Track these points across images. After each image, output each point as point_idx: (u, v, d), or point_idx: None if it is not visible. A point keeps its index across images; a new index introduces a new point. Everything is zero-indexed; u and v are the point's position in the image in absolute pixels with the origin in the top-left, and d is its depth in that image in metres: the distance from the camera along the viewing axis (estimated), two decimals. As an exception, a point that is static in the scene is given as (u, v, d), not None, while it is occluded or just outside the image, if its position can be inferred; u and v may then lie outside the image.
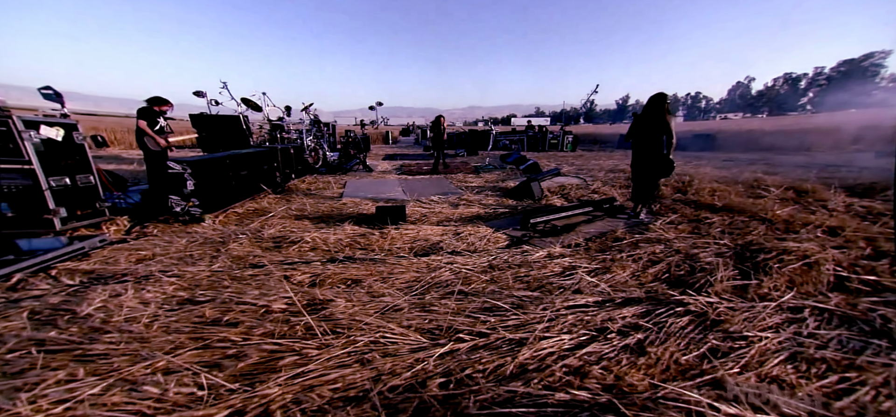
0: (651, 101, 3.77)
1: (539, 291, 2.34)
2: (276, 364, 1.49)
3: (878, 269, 2.40)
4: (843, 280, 2.31)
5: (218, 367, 1.47)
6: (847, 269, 2.43)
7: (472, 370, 1.55)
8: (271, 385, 1.37)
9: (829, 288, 2.24)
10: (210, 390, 1.34)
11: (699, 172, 7.12)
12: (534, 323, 1.91)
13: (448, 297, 2.19)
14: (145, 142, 4.81)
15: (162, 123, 4.89)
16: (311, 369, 1.47)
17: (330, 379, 1.42)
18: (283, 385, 1.38)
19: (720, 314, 1.95)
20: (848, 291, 2.19)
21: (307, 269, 2.53)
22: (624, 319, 1.97)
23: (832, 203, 4.42)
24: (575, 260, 2.86)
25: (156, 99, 4.91)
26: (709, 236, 3.29)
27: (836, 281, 2.30)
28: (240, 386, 1.37)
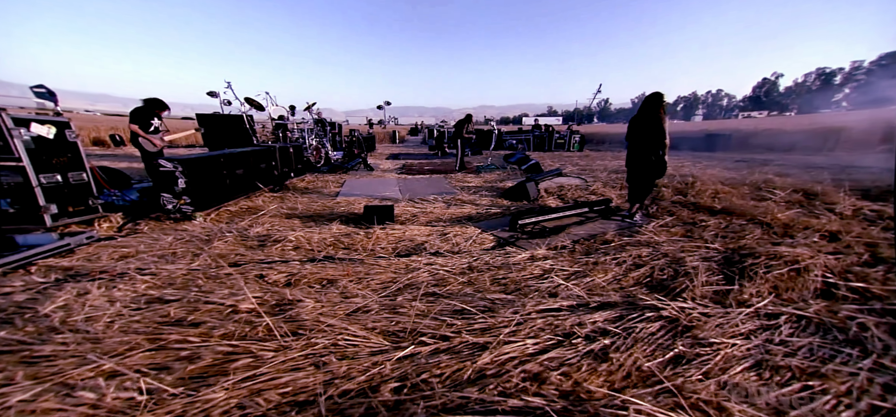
0: (647, 101, 3.71)
1: (514, 294, 2.33)
2: (228, 367, 1.50)
3: (871, 276, 2.32)
4: (832, 286, 2.24)
5: (168, 370, 1.47)
6: (838, 276, 2.36)
7: (430, 375, 1.55)
8: (217, 390, 1.36)
9: (814, 294, 2.18)
10: (151, 395, 1.33)
11: (706, 174, 6.98)
12: (501, 327, 1.90)
13: (419, 299, 2.19)
14: (141, 144, 4.91)
15: (156, 124, 4.99)
16: (264, 372, 1.48)
17: (281, 383, 1.43)
18: (230, 388, 1.38)
19: (692, 320, 1.92)
20: (833, 298, 2.13)
21: (285, 269, 2.57)
22: (594, 324, 1.95)
23: (841, 206, 4.28)
24: (557, 262, 2.84)
25: (152, 101, 5.03)
26: (700, 240, 3.23)
27: (822, 288, 2.23)
28: (184, 391, 1.36)
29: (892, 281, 2.22)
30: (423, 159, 12.58)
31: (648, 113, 3.67)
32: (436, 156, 13.84)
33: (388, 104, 30.55)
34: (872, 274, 2.35)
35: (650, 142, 3.69)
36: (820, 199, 4.74)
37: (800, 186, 5.34)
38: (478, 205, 5.06)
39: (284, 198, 5.70)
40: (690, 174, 6.85)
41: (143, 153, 4.93)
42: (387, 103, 31.10)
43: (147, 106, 4.93)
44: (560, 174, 7.58)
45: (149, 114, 4.93)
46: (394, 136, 24.37)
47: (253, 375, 1.46)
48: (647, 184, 3.93)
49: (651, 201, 4.89)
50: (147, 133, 4.88)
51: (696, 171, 7.54)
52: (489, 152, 11.09)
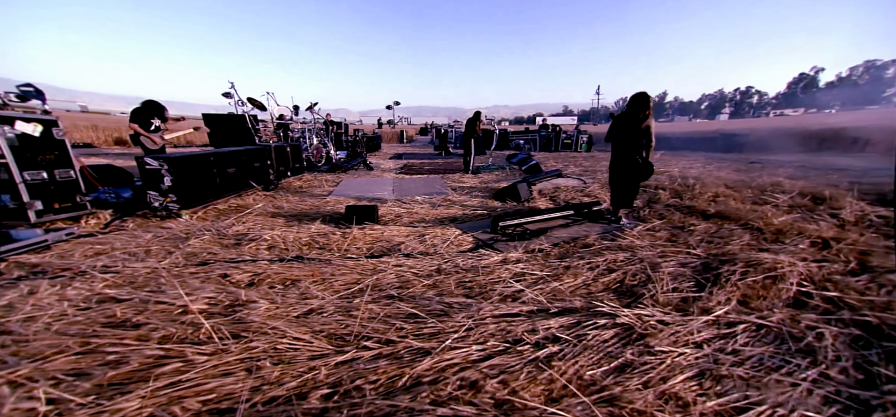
0: (633, 101, 3.65)
1: (476, 298, 2.33)
2: (154, 372, 1.48)
3: (850, 286, 2.23)
4: (805, 295, 2.17)
5: (87, 376, 1.42)
6: (816, 284, 2.28)
7: (365, 381, 1.54)
8: (132, 398, 1.32)
9: (784, 303, 2.11)
10: (56, 405, 1.27)
11: (712, 176, 6.80)
12: (451, 332, 1.90)
13: (376, 302, 2.21)
14: (142, 143, 5.16)
15: (155, 123, 5.21)
16: (190, 377, 1.47)
17: (205, 389, 1.42)
18: (147, 396, 1.34)
19: (648, 328, 1.88)
20: (803, 307, 2.06)
21: (251, 268, 2.63)
22: (548, 330, 1.94)
23: (846, 212, 4.12)
24: (529, 266, 2.82)
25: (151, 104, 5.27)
26: (684, 245, 3.15)
27: (795, 297, 2.16)
28: (95, 400, 1.31)
29: (870, 292, 2.14)
30: (426, 159, 12.62)
31: (634, 114, 3.61)
32: (439, 155, 13.88)
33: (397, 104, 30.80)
34: (853, 283, 2.26)
35: (635, 143, 3.63)
36: (828, 204, 4.58)
37: (809, 190, 5.16)
38: (467, 205, 5.05)
39: (276, 196, 5.82)
40: (694, 176, 6.70)
41: (144, 151, 5.17)
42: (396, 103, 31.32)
43: (146, 107, 5.19)
44: (559, 175, 7.51)
45: (149, 114, 5.17)
46: (402, 136, 24.50)
47: (178, 381, 1.44)
48: (633, 187, 3.86)
49: (645, 204, 4.81)
50: (148, 132, 5.13)
51: (703, 173, 7.37)
52: (490, 152, 11.04)
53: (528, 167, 8.02)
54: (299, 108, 11.42)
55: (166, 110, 5.37)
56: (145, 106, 5.16)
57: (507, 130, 17.40)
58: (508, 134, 15.97)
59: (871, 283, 2.27)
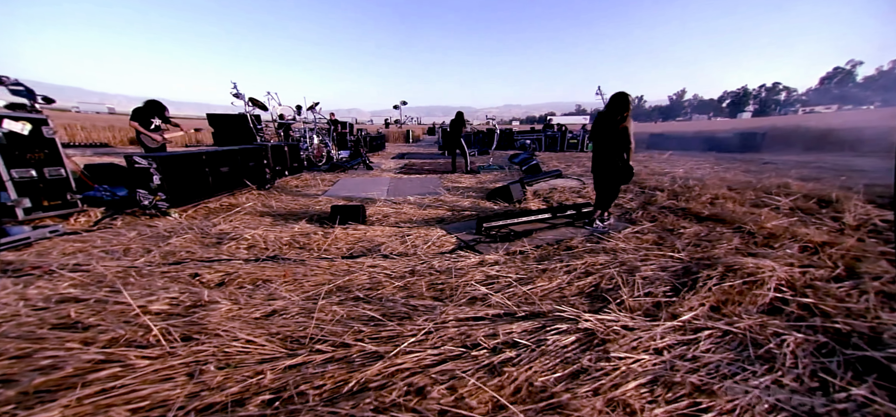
0: (612, 101, 3.60)
1: (445, 301, 2.33)
2: (86, 379, 1.43)
3: (831, 292, 2.17)
4: (782, 301, 2.11)
5: (12, 383, 1.37)
6: (797, 290, 2.22)
7: (310, 386, 1.53)
8: (54, 408, 1.26)
9: (758, 309, 2.06)
10: None
11: (717, 177, 6.66)
12: (408, 336, 1.90)
13: (342, 304, 2.23)
14: (143, 141, 5.31)
15: (156, 122, 5.37)
16: (126, 384, 1.44)
17: (138, 396, 1.39)
18: (71, 404, 1.29)
19: (610, 333, 1.86)
20: (779, 313, 2.01)
21: (224, 268, 2.67)
22: (509, 334, 1.93)
23: (850, 215, 3.99)
24: (505, 269, 2.81)
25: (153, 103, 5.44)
26: (669, 248, 3.10)
27: (771, 303, 2.11)
28: (12, 410, 1.26)
29: (850, 299, 2.07)
30: (428, 159, 12.64)
31: (612, 115, 3.56)
32: (443, 155, 13.88)
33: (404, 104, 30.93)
34: (834, 289, 2.20)
35: (614, 145, 3.58)
36: (833, 207, 4.45)
37: (816, 192, 5.01)
38: (457, 206, 5.05)
39: (269, 195, 5.90)
40: (698, 177, 6.58)
41: (144, 149, 5.33)
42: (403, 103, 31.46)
43: (148, 107, 5.37)
44: (559, 175, 7.45)
45: (150, 113, 5.33)
46: (408, 136, 24.59)
47: (111, 387, 1.41)
48: (612, 189, 3.81)
49: (640, 205, 4.74)
50: (148, 131, 5.29)
51: (709, 174, 7.22)
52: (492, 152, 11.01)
53: (528, 167, 7.97)
54: (301, 108, 11.56)
55: (167, 110, 5.52)
56: (147, 105, 5.34)
57: (512, 130, 17.31)
58: (513, 133, 15.88)
59: (854, 290, 2.20)
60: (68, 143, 15.62)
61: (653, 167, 8.84)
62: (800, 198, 4.78)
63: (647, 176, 7.19)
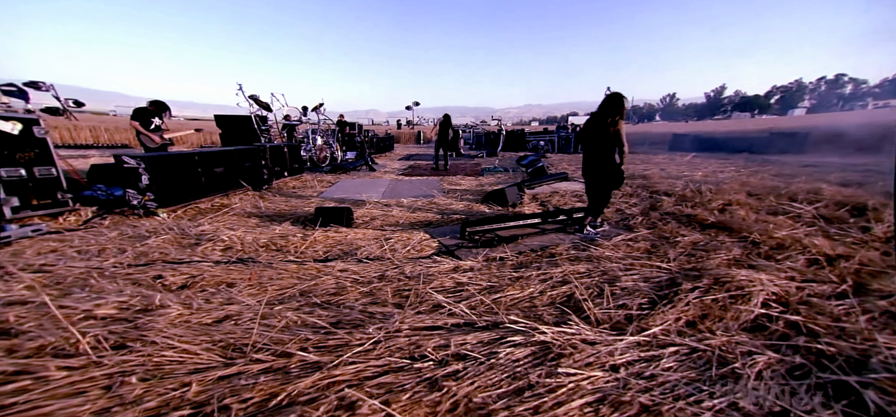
0: (604, 102, 3.49)
1: (405, 308, 2.29)
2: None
3: (826, 310, 2.01)
4: (769, 318, 1.97)
5: None
6: (789, 307, 2.08)
7: (237, 400, 1.49)
8: None
9: (740, 326, 1.93)
10: None
11: (739, 181, 6.31)
12: (356, 345, 1.87)
13: (298, 309, 2.22)
14: (143, 140, 5.52)
15: (156, 122, 5.58)
16: (30, 399, 1.38)
17: (43, 413, 1.34)
18: None
19: (566, 347, 1.78)
20: (760, 330, 1.88)
21: (190, 270, 2.72)
22: (462, 346, 1.88)
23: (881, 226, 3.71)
24: (478, 275, 2.76)
25: (156, 103, 5.66)
26: (660, 258, 2.97)
27: (755, 320, 1.98)
28: None
29: (847, 318, 1.91)
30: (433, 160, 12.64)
31: (603, 117, 3.45)
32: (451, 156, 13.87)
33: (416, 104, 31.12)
34: (832, 307, 2.04)
35: (605, 148, 3.47)
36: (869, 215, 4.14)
37: (852, 198, 4.68)
38: (450, 209, 5.01)
39: (263, 196, 6.01)
40: (717, 181, 6.30)
41: (145, 150, 5.55)
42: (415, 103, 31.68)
43: (150, 107, 5.58)
44: (565, 178, 7.32)
45: (151, 113, 5.55)
46: (419, 137, 24.68)
47: (12, 403, 1.34)
48: (602, 195, 3.69)
49: (643, 211, 4.58)
50: (148, 131, 5.50)
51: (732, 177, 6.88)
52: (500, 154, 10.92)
53: (534, 170, 7.85)
54: (307, 109, 11.79)
55: (170, 111, 5.73)
56: (150, 105, 5.56)
57: (524, 130, 17.12)
58: (526, 134, 15.70)
59: (854, 308, 2.04)
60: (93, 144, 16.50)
61: (670, 170, 8.54)
62: (829, 205, 4.47)
63: (659, 179, 6.95)
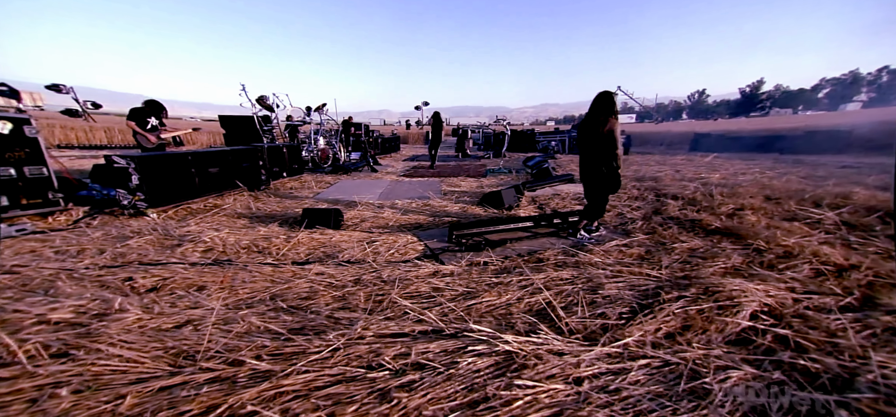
0: (594, 102, 3.41)
1: (374, 313, 2.27)
2: None
3: (822, 325, 1.90)
4: (756, 331, 1.88)
5: None
6: (781, 320, 1.97)
7: (173, 413, 1.46)
8: None
9: (725, 339, 1.84)
10: None
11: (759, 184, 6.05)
12: (313, 352, 1.84)
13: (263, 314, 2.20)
14: (139, 141, 5.66)
15: (153, 122, 5.70)
16: None
17: None
18: None
19: (531, 357, 1.73)
20: (745, 344, 1.79)
21: (161, 272, 2.73)
22: (424, 355, 1.84)
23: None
24: (457, 280, 2.72)
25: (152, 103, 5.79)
26: (652, 265, 2.88)
27: (740, 333, 1.88)
28: None
29: (843, 334, 1.80)
30: (440, 161, 12.64)
31: (595, 117, 3.37)
32: (456, 157, 13.86)
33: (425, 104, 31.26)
34: (829, 321, 1.92)
35: (599, 151, 3.38)
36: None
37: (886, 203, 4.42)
38: (443, 211, 4.98)
39: (259, 197, 6.10)
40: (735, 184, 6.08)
41: (141, 149, 5.68)
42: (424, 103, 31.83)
43: (146, 107, 5.70)
44: (570, 180, 7.22)
45: (147, 113, 5.67)
46: (427, 137, 24.71)
47: None
48: (597, 199, 3.60)
49: (646, 216, 4.45)
50: (144, 131, 5.62)
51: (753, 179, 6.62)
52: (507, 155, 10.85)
53: (538, 171, 7.75)
54: (310, 110, 11.95)
55: (166, 111, 5.85)
56: (146, 105, 5.67)
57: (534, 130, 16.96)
58: (535, 134, 15.56)
59: (856, 323, 1.92)
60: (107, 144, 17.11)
61: (686, 172, 8.30)
62: (859, 210, 4.23)
63: (671, 182, 6.78)
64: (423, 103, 31.13)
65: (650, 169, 9.26)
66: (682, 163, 10.35)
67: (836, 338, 1.77)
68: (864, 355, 1.62)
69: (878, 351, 1.64)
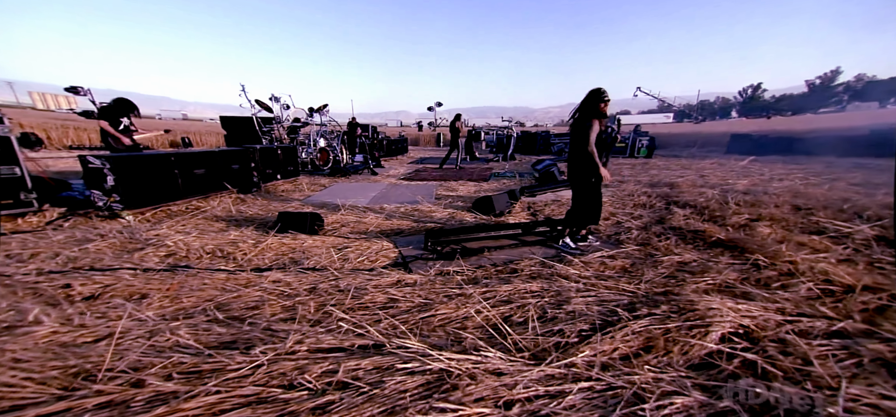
0: (582, 101, 3.34)
1: (319, 326, 2.25)
2: None
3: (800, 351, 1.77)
4: (723, 355, 1.77)
5: None
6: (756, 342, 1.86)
7: None
8: None
9: (685, 362, 1.75)
10: None
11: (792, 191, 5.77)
12: (232, 370, 1.79)
13: (195, 326, 2.15)
14: (111, 142, 5.64)
15: (125, 123, 5.78)
16: None
17: None
18: None
19: (465, 377, 1.68)
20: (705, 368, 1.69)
21: (104, 279, 2.75)
22: (352, 373, 1.80)
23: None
24: (418, 290, 2.69)
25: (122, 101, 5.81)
26: (632, 279, 2.78)
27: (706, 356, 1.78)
28: None
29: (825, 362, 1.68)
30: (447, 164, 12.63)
31: (581, 117, 3.31)
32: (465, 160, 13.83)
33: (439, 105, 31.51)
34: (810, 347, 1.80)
35: (580, 153, 3.31)
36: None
37: None
38: (430, 217, 4.96)
39: (245, 200, 6.22)
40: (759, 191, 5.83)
41: (112, 151, 5.79)
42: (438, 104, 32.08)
43: (116, 105, 5.74)
44: (576, 185, 7.09)
45: (118, 112, 5.71)
46: (439, 139, 24.82)
47: None
48: (577, 205, 3.52)
49: (646, 225, 4.32)
50: (117, 131, 5.70)
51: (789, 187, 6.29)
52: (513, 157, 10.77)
53: (543, 175, 7.66)
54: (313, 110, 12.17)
55: (137, 110, 5.96)
56: (115, 103, 5.70)
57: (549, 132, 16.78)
58: (550, 136, 15.38)
59: (842, 350, 1.79)
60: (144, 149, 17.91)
61: (712, 177, 8.00)
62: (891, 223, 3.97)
63: (687, 188, 6.55)
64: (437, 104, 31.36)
65: (671, 173, 9.01)
66: (710, 168, 9.99)
67: (809, 367, 1.66)
68: (837, 386, 1.50)
69: (854, 383, 1.53)
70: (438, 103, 31.29)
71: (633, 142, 13.47)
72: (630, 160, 12.84)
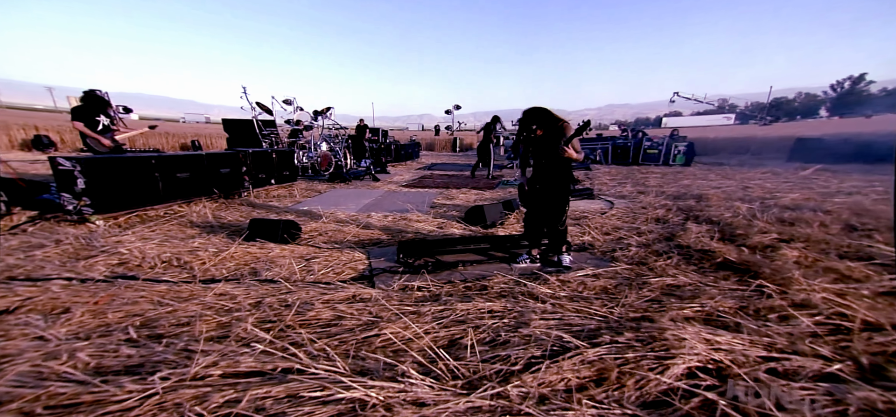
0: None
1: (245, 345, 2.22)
2: None
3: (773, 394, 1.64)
4: (679, 393, 1.66)
5: None
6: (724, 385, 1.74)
7: None
8: None
9: (638, 398, 1.65)
10: None
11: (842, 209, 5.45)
12: (118, 400, 1.71)
13: (104, 346, 2.12)
14: (90, 144, 5.68)
15: (104, 122, 5.80)
16: None
17: None
18: None
19: (381, 408, 1.64)
20: (664, 407, 1.59)
21: (27, 290, 2.78)
22: (257, 401, 1.74)
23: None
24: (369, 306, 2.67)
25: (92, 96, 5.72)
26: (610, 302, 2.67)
27: (663, 393, 1.68)
28: None
29: (792, 409, 1.54)
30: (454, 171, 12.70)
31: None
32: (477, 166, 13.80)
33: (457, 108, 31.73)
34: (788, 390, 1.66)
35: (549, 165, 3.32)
36: None
37: None
38: (414, 228, 4.94)
39: (227, 205, 6.35)
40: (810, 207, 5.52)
41: (91, 152, 5.87)
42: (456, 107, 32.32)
43: (88, 102, 5.67)
44: (589, 195, 6.97)
45: (92, 111, 5.66)
46: (455, 145, 24.87)
47: None
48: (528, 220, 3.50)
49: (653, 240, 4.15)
50: (95, 132, 5.66)
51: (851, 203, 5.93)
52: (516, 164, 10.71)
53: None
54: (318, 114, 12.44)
55: (111, 105, 5.89)
56: (86, 100, 5.61)
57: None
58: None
59: (826, 396, 1.64)
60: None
61: (757, 189, 7.61)
62: None
63: (718, 202, 6.28)
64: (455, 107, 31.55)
65: (705, 184, 8.67)
66: (760, 179, 9.50)
67: (780, 412, 1.53)
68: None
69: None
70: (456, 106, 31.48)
71: (669, 148, 13.02)
72: (663, 168, 12.46)
